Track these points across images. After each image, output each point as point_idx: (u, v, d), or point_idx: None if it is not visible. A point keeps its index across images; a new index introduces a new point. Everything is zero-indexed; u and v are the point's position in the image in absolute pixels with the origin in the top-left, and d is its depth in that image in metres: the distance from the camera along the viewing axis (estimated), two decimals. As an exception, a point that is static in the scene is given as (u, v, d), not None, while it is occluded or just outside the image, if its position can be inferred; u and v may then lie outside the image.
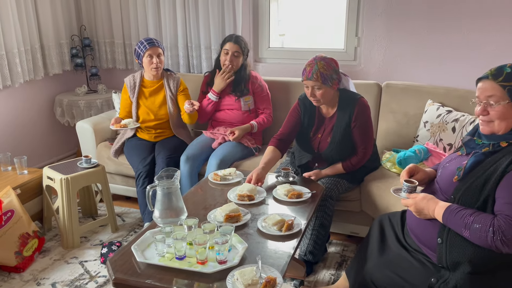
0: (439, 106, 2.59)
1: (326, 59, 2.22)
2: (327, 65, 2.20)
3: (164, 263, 1.50)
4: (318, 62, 2.19)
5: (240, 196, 1.99)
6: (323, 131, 2.37)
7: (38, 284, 2.31)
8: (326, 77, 2.19)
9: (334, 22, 3.37)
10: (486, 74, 1.51)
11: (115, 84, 3.97)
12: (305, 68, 2.24)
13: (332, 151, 2.32)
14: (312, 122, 2.40)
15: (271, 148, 2.36)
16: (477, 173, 1.48)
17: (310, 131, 2.40)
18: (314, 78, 2.18)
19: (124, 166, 2.97)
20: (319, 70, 2.17)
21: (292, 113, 2.45)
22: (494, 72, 1.49)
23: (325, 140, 2.35)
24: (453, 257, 1.46)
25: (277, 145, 2.37)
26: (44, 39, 3.56)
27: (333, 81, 2.22)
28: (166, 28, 3.52)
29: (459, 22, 2.83)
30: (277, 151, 2.35)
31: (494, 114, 1.49)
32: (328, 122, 2.36)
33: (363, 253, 1.82)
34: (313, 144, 2.39)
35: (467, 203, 1.46)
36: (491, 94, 1.48)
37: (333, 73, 2.21)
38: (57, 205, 2.64)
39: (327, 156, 2.35)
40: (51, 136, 3.86)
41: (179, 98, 2.95)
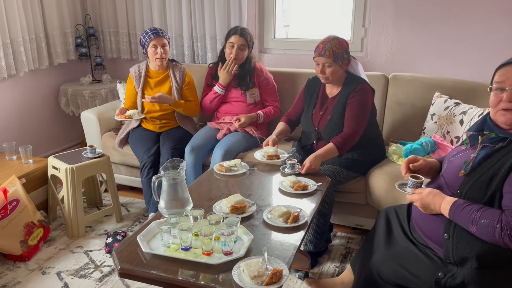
0: (446, 99, 2.57)
1: (339, 39, 2.31)
2: (339, 44, 2.29)
3: (170, 254, 1.50)
4: (331, 40, 2.28)
5: (269, 156, 2.23)
6: (325, 109, 2.43)
7: (43, 273, 2.32)
8: (338, 55, 2.28)
9: (340, 12, 3.33)
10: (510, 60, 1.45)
11: (119, 74, 3.95)
12: (318, 45, 2.32)
13: (330, 128, 2.37)
14: (315, 100, 2.49)
15: (282, 123, 2.59)
16: (484, 167, 1.45)
17: (313, 109, 2.47)
18: (327, 55, 2.27)
19: (128, 156, 2.97)
20: (332, 48, 2.26)
21: (299, 95, 2.61)
22: None
23: (325, 117, 2.41)
24: (460, 252, 1.44)
25: (287, 122, 2.60)
26: (48, 28, 3.54)
27: (343, 60, 2.31)
28: (171, 17, 3.49)
29: (468, 13, 2.79)
30: (287, 125, 2.58)
31: None
32: (331, 102, 2.43)
33: (369, 246, 1.81)
34: (314, 120, 2.46)
35: (474, 198, 1.44)
36: None
37: (344, 52, 2.31)
38: (62, 194, 2.64)
39: (325, 133, 2.39)
40: (56, 125, 3.86)
41: (183, 93, 2.94)
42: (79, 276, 2.29)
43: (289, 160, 2.21)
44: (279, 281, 1.35)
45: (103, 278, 2.27)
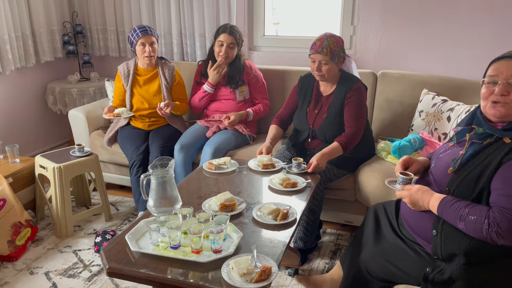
0: (434, 95, 2.59)
1: (336, 36, 2.31)
2: (336, 42, 2.28)
3: (159, 252, 1.49)
4: (328, 38, 2.27)
5: (264, 165, 2.20)
6: (320, 108, 2.42)
7: (31, 273, 2.30)
8: (335, 53, 2.27)
9: (329, 10, 3.34)
10: (511, 54, 1.46)
11: (108, 72, 3.92)
12: (315, 42, 2.29)
13: (326, 127, 2.37)
14: (309, 98, 2.47)
15: (274, 126, 2.55)
16: (472, 164, 1.47)
17: (307, 107, 2.46)
18: (324, 53, 2.25)
19: (117, 155, 2.95)
20: (329, 46, 2.25)
21: (292, 93, 2.57)
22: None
23: (321, 116, 2.41)
24: (448, 248, 1.46)
25: (279, 123, 2.56)
26: (35, 25, 3.49)
27: (339, 58, 2.31)
28: (160, 15, 3.47)
29: (456, 11, 2.81)
30: (280, 128, 2.55)
31: None
32: (326, 100, 2.42)
33: (357, 242, 1.82)
34: (309, 119, 2.45)
35: (462, 194, 1.46)
36: None
37: (340, 50, 2.30)
38: (50, 194, 2.62)
39: (320, 132, 2.39)
40: (43, 124, 3.82)
41: (173, 91, 2.93)
42: (67, 276, 2.27)
43: (294, 159, 2.21)
44: (268, 278, 1.35)
45: (92, 278, 2.26)
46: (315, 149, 2.44)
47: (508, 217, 1.31)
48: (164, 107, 2.77)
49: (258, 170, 2.21)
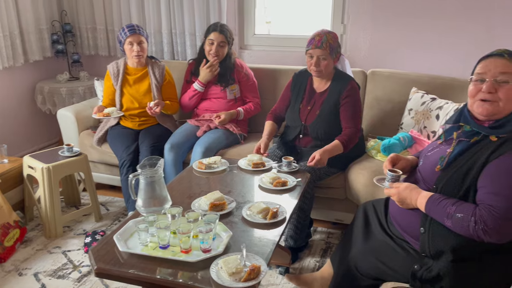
0: (423, 94, 2.61)
1: (333, 33, 2.36)
2: (334, 37, 2.34)
3: (147, 253, 1.48)
4: (326, 34, 2.32)
5: (254, 164, 2.20)
6: (313, 104, 2.44)
7: (20, 274, 2.28)
8: (333, 48, 2.32)
9: (320, 9, 3.35)
10: (499, 52, 1.47)
11: (97, 71, 3.89)
12: (314, 37, 2.33)
13: (318, 124, 2.39)
14: (302, 95, 2.49)
15: (269, 122, 2.59)
16: (459, 163, 1.48)
17: (300, 104, 2.48)
18: (323, 47, 2.29)
19: (107, 155, 2.93)
20: (328, 41, 2.30)
21: (285, 89, 2.61)
22: (507, 51, 1.46)
23: (313, 112, 2.42)
24: (436, 246, 1.47)
25: (274, 119, 2.60)
26: (23, 24, 3.45)
27: (336, 54, 2.37)
28: (150, 14, 3.45)
29: (445, 10, 2.83)
30: (275, 124, 2.59)
31: (504, 93, 1.44)
32: (319, 97, 2.44)
33: (347, 240, 1.83)
34: (301, 115, 2.46)
35: (449, 192, 1.47)
36: (505, 71, 1.44)
37: (337, 46, 2.37)
38: (39, 194, 2.59)
39: (312, 129, 2.41)
40: (32, 124, 3.78)
41: (163, 91, 2.91)
42: (57, 277, 2.25)
43: (284, 158, 2.21)
44: (257, 277, 1.35)
45: (81, 278, 2.24)
46: (306, 146, 2.45)
47: (495, 215, 1.32)
48: (153, 106, 2.76)
49: (249, 169, 2.21)
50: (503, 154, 1.38)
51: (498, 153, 1.38)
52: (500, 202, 1.33)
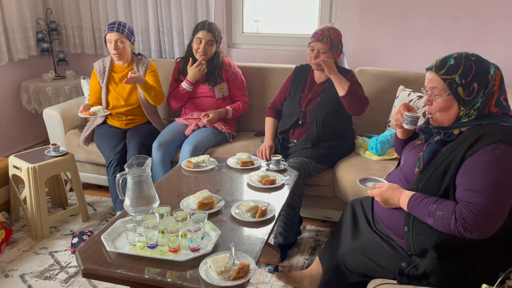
0: (410, 92, 2.63)
1: (336, 29, 2.45)
2: (336, 34, 2.43)
3: (136, 252, 1.47)
4: (329, 29, 2.40)
5: (243, 162, 2.20)
6: (314, 93, 2.52)
7: (6, 276, 2.24)
8: (334, 44, 2.40)
9: (307, 8, 3.36)
10: (431, 65, 1.52)
11: (84, 70, 3.84)
12: (316, 32, 2.41)
13: (318, 109, 2.45)
14: (303, 85, 2.56)
15: (270, 119, 2.64)
16: (437, 162, 1.50)
17: (301, 93, 2.55)
18: (324, 42, 2.37)
19: (94, 154, 2.90)
20: (330, 36, 2.38)
21: (285, 82, 2.68)
22: (438, 64, 1.51)
23: (314, 99, 2.50)
24: (420, 244, 1.48)
25: (274, 114, 2.65)
26: (7, 22, 3.40)
27: (337, 50, 2.44)
28: (137, 12, 3.42)
29: (432, 8, 2.86)
30: (275, 120, 2.64)
31: (436, 106, 1.51)
32: (319, 86, 2.53)
33: (336, 238, 1.84)
34: (302, 102, 2.52)
35: (430, 192, 1.49)
36: (433, 86, 1.51)
37: (339, 43, 2.45)
38: (25, 195, 2.56)
39: (312, 114, 2.45)
40: (17, 124, 3.72)
41: (147, 79, 2.85)
42: (43, 278, 2.22)
43: (274, 156, 2.21)
44: (246, 275, 1.35)
45: (68, 279, 2.22)
46: (299, 139, 2.47)
47: (473, 212, 1.34)
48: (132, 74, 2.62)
49: (237, 167, 2.20)
50: (478, 150, 1.39)
51: (474, 150, 1.40)
52: (478, 198, 1.35)
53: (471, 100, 1.47)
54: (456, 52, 1.51)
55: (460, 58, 1.48)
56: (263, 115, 2.74)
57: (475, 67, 1.46)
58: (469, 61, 1.46)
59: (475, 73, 1.45)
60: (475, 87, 1.45)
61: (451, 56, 1.50)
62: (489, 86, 1.46)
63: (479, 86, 1.45)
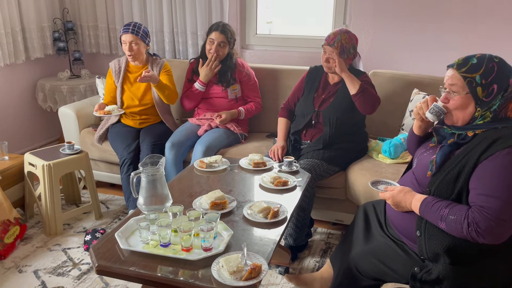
0: (424, 95, 2.61)
1: (350, 34, 2.41)
2: (349, 38, 2.39)
3: (149, 250, 1.49)
4: (342, 33, 2.38)
5: (255, 163, 2.21)
6: (328, 93, 2.52)
7: (20, 271, 2.28)
8: (345, 49, 2.38)
9: (322, 9, 3.35)
10: (453, 63, 1.51)
11: (99, 69, 3.89)
12: (329, 35, 2.41)
13: (332, 110, 2.44)
14: (316, 86, 2.56)
15: (283, 120, 2.64)
16: (450, 165, 1.48)
17: (315, 93, 2.55)
18: (334, 46, 2.36)
19: (108, 153, 2.93)
20: (341, 41, 2.36)
21: (299, 83, 2.67)
22: (460, 62, 1.50)
23: (327, 100, 2.50)
24: (433, 248, 1.47)
25: (287, 115, 2.65)
26: (25, 21, 3.46)
27: (349, 55, 2.41)
28: (152, 12, 3.45)
29: (449, 11, 2.84)
30: (288, 121, 2.64)
31: (452, 104, 1.50)
32: (333, 87, 2.52)
33: (348, 241, 1.83)
34: (315, 102, 2.52)
35: (442, 195, 1.47)
36: (453, 83, 1.50)
37: (351, 47, 2.41)
38: (39, 191, 2.59)
39: (325, 114, 2.45)
40: (33, 121, 3.78)
41: (161, 78, 2.87)
42: (56, 274, 2.25)
43: (286, 157, 2.21)
44: (258, 276, 1.35)
45: (81, 276, 2.24)
46: (312, 140, 2.48)
47: (487, 216, 1.33)
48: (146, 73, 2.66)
49: (249, 168, 2.21)
50: (493, 154, 1.38)
51: (488, 154, 1.39)
52: (492, 203, 1.34)
53: (489, 102, 1.45)
54: (480, 53, 1.50)
55: (483, 58, 1.46)
56: (275, 117, 2.74)
57: (497, 69, 1.44)
58: (492, 62, 1.45)
59: (497, 75, 1.44)
60: (494, 88, 1.44)
61: (474, 56, 1.49)
62: (509, 90, 1.44)
63: (498, 88, 1.44)
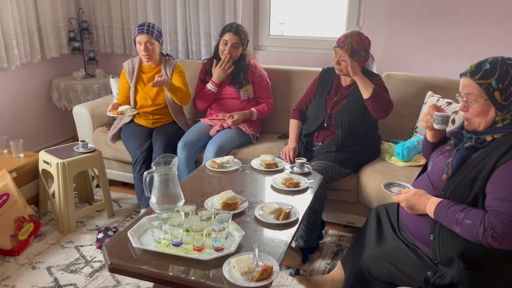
0: (439, 98, 2.58)
1: (361, 36, 2.38)
2: (360, 41, 2.36)
3: (161, 249, 1.50)
4: (353, 36, 2.35)
5: (267, 164, 2.21)
6: (340, 96, 2.50)
7: (33, 268, 2.31)
8: (355, 51, 2.34)
9: (335, 11, 3.34)
10: (466, 71, 1.49)
11: (113, 69, 3.93)
12: (340, 37, 2.39)
13: (344, 112, 2.43)
14: (329, 88, 2.55)
15: (295, 121, 2.63)
16: (466, 169, 1.47)
17: (327, 96, 2.53)
18: (344, 49, 2.34)
19: (121, 152, 2.95)
20: (351, 43, 2.33)
21: (311, 84, 2.66)
22: (473, 69, 1.48)
23: (340, 102, 2.48)
24: (446, 252, 1.45)
25: (299, 116, 2.64)
26: (41, 21, 3.51)
27: (360, 57, 2.38)
28: (166, 13, 3.47)
29: (461, 13, 2.80)
30: (300, 122, 2.63)
31: (472, 112, 1.49)
32: (345, 90, 2.50)
33: (359, 243, 1.82)
34: (327, 105, 2.51)
35: (458, 199, 1.46)
36: (469, 92, 1.48)
37: (362, 50, 2.37)
38: (53, 189, 2.63)
39: (337, 116, 2.44)
40: (47, 120, 3.83)
41: (174, 79, 2.89)
42: (69, 271, 2.28)
43: (298, 159, 2.21)
44: (269, 277, 1.35)
45: (93, 274, 2.26)
46: (324, 142, 2.47)
47: (503, 221, 1.31)
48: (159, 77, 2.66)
49: (261, 169, 2.21)
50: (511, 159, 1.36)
51: (506, 158, 1.37)
52: (509, 208, 1.32)
53: (509, 105, 1.44)
54: (491, 57, 1.48)
55: (496, 62, 1.44)
56: (287, 118, 2.74)
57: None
58: (506, 65, 1.43)
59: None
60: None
61: (486, 61, 1.47)
62: None
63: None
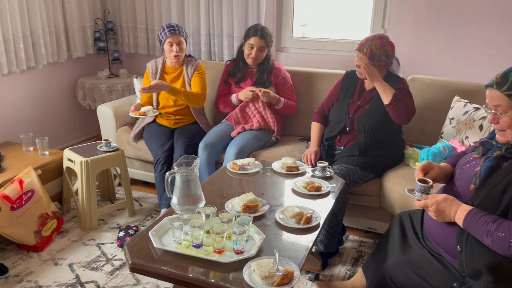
0: (466, 103, 2.51)
1: (383, 40, 2.32)
2: (381, 45, 2.30)
3: (181, 250, 1.50)
4: (375, 39, 2.30)
5: (288, 167, 2.19)
6: (363, 100, 2.45)
7: (55, 264, 2.35)
8: (374, 56, 2.29)
9: (359, 13, 3.30)
10: (491, 82, 1.44)
11: (136, 69, 3.97)
12: (362, 40, 2.35)
13: (367, 117, 2.38)
14: (352, 91, 2.50)
15: (317, 124, 2.61)
16: (496, 179, 1.41)
17: (350, 99, 2.49)
18: (363, 52, 2.30)
19: (142, 151, 2.98)
20: (371, 47, 2.28)
21: (334, 87, 2.62)
22: (499, 80, 1.42)
23: (363, 106, 2.44)
24: (474, 265, 1.40)
25: (321, 120, 2.61)
26: (68, 21, 3.58)
27: (379, 62, 2.32)
28: (189, 14, 3.49)
29: (491, 16, 2.72)
30: (322, 126, 2.60)
31: (504, 124, 1.44)
32: (369, 94, 2.45)
33: (382, 250, 1.78)
34: (350, 109, 2.46)
35: (487, 209, 1.40)
36: (497, 104, 1.43)
37: (382, 54, 2.31)
38: (77, 187, 2.67)
39: (360, 121, 2.39)
40: (72, 118, 3.90)
41: (193, 79, 2.89)
42: (90, 269, 2.31)
43: (319, 162, 2.19)
44: (290, 283, 1.33)
45: (114, 272, 2.29)
46: (346, 146, 2.44)
47: None
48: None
49: (282, 172, 2.19)
50: None
51: None
52: None
53: None
54: None
55: None
56: (308, 120, 2.71)
57: None
58: None
59: None
60: None
61: (511, 70, 1.41)
62: None
63: None
